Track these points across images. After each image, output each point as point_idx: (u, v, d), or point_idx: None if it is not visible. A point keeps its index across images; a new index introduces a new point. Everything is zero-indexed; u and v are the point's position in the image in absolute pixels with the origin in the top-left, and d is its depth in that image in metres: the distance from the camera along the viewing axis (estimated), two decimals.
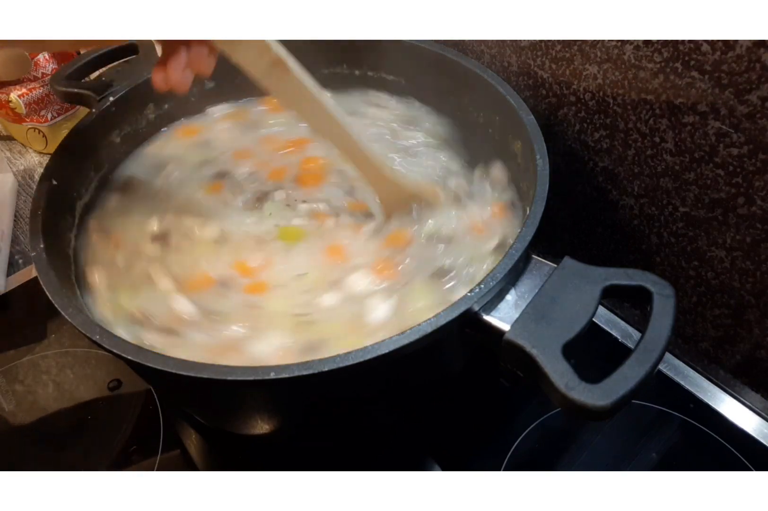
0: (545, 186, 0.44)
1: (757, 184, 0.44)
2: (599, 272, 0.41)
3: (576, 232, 0.63)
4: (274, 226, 0.53)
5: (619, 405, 0.35)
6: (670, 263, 0.55)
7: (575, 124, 0.55)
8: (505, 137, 0.54)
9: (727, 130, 0.44)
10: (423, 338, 0.36)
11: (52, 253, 0.45)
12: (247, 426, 0.52)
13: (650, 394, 0.57)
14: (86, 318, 0.40)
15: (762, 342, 0.53)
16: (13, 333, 0.66)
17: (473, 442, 0.56)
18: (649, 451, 0.54)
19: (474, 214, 0.52)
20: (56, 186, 0.49)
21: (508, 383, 0.59)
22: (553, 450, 0.55)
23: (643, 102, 0.48)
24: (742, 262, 0.49)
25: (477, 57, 0.60)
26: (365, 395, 0.47)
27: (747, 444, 0.54)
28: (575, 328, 0.38)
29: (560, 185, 0.56)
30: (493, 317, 0.39)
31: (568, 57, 0.51)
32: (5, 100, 0.78)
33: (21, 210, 0.79)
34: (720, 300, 0.54)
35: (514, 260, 0.40)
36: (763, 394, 0.56)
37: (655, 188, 0.52)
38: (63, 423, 0.58)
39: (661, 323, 0.38)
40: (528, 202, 0.45)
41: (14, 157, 0.86)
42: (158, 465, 0.55)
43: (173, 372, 0.36)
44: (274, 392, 0.42)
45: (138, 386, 0.60)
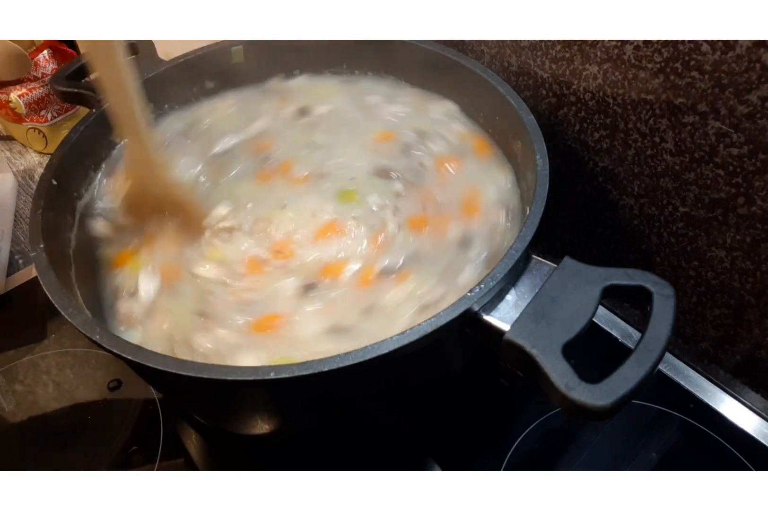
0: (545, 186, 0.44)
1: (757, 184, 0.44)
2: (599, 271, 0.41)
3: (576, 232, 0.63)
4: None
5: (619, 405, 0.35)
6: (670, 263, 0.55)
7: (575, 124, 0.55)
8: (505, 137, 0.54)
9: (727, 130, 0.44)
10: (423, 338, 0.36)
11: (52, 253, 0.45)
12: (247, 426, 0.52)
13: (650, 394, 0.57)
14: (86, 318, 0.40)
15: (762, 342, 0.53)
16: (13, 333, 0.66)
17: (473, 442, 0.56)
18: (649, 451, 0.54)
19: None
20: (56, 186, 0.49)
21: (508, 383, 0.59)
22: (553, 450, 0.55)
23: (643, 102, 0.48)
24: (742, 262, 0.49)
25: (477, 57, 0.60)
26: (365, 395, 0.47)
27: (747, 444, 0.54)
28: (575, 328, 0.38)
29: (560, 185, 0.56)
30: (493, 317, 0.39)
31: (568, 57, 0.51)
32: (5, 100, 0.78)
33: (21, 210, 0.79)
34: (720, 300, 0.54)
35: (514, 260, 0.40)
36: (763, 394, 0.56)
37: (655, 188, 0.52)
38: (63, 423, 0.58)
39: (661, 323, 0.38)
40: (528, 202, 0.45)
41: (14, 157, 0.86)
42: (158, 465, 0.55)
43: (173, 372, 0.36)
44: (274, 392, 0.42)
45: (138, 386, 0.60)
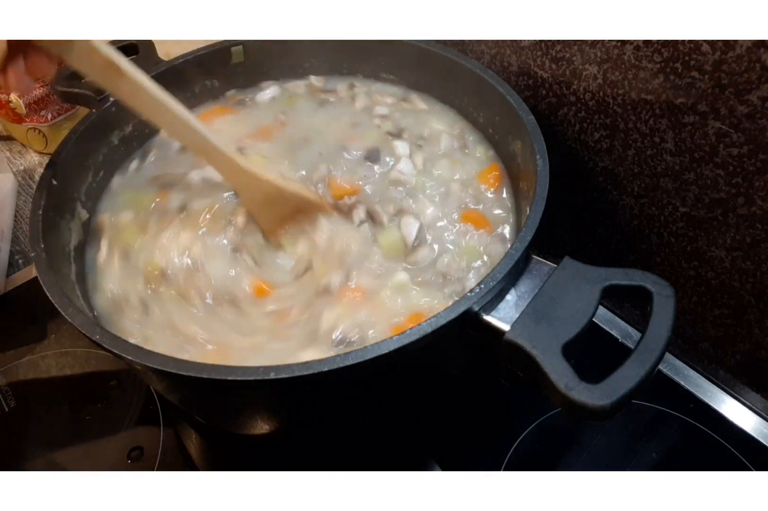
0: (545, 186, 0.44)
1: (757, 184, 0.44)
2: (599, 272, 0.41)
3: (576, 232, 0.63)
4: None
5: (619, 405, 0.35)
6: (670, 263, 0.55)
7: (575, 124, 0.55)
8: (505, 137, 0.54)
9: (727, 130, 0.44)
10: (423, 338, 0.36)
11: (52, 253, 0.45)
12: (247, 426, 0.52)
13: (650, 394, 0.57)
14: (86, 318, 0.40)
15: (762, 342, 0.53)
16: (13, 333, 0.65)
17: (473, 442, 0.56)
18: (649, 451, 0.54)
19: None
20: (56, 186, 0.49)
21: (508, 383, 0.59)
22: (553, 450, 0.55)
23: (643, 102, 0.48)
24: (742, 262, 0.49)
25: (477, 57, 0.60)
26: (365, 395, 0.47)
27: (747, 444, 0.54)
28: (575, 328, 0.38)
29: (560, 185, 0.56)
30: (493, 317, 0.39)
31: (568, 57, 0.51)
32: (5, 100, 0.78)
33: (21, 210, 0.79)
34: (720, 300, 0.54)
35: (514, 260, 0.40)
36: (763, 394, 0.56)
37: (655, 188, 0.52)
38: (63, 423, 0.58)
39: (661, 323, 0.38)
40: (528, 202, 0.45)
41: (14, 157, 0.86)
42: (158, 465, 0.55)
43: (173, 372, 0.36)
44: (274, 392, 0.42)
45: (138, 386, 0.60)
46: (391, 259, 0.49)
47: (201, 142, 0.47)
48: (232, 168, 0.48)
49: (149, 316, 0.48)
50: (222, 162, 0.48)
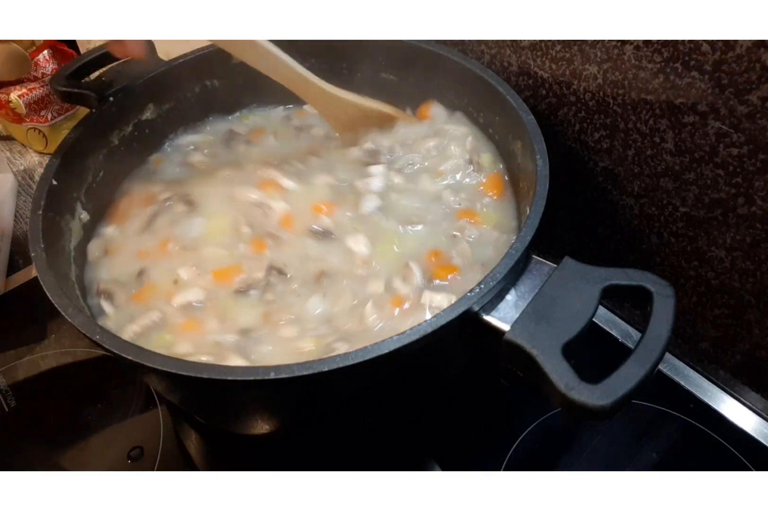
0: (545, 186, 0.44)
1: (757, 184, 0.44)
2: (599, 271, 0.41)
3: (576, 232, 0.63)
4: None
5: (619, 405, 0.35)
6: (670, 263, 0.55)
7: (575, 124, 0.55)
8: (505, 137, 0.54)
9: (727, 130, 0.44)
10: (423, 338, 0.36)
11: (52, 253, 0.45)
12: (247, 426, 0.52)
13: (650, 394, 0.57)
14: (86, 318, 0.40)
15: (762, 342, 0.53)
16: (13, 333, 0.66)
17: (473, 442, 0.56)
18: (649, 451, 0.54)
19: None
20: (56, 186, 0.49)
21: (508, 383, 0.59)
22: (553, 450, 0.55)
23: (643, 102, 0.48)
24: (742, 262, 0.49)
25: (477, 57, 0.60)
26: (365, 395, 0.47)
27: (747, 444, 0.54)
28: (575, 328, 0.38)
29: (560, 185, 0.56)
30: (493, 317, 0.39)
31: (568, 57, 0.51)
32: (5, 100, 0.78)
33: (21, 210, 0.79)
34: (720, 300, 0.54)
35: (514, 260, 0.40)
36: (763, 394, 0.56)
37: (655, 188, 0.52)
38: (63, 423, 0.58)
39: (661, 323, 0.38)
40: (528, 202, 0.45)
41: (14, 157, 0.86)
42: (158, 465, 0.55)
43: (173, 372, 0.36)
44: (274, 392, 0.42)
45: (138, 386, 0.60)
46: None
47: (293, 75, 0.53)
48: (317, 94, 0.55)
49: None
50: (309, 89, 0.54)
